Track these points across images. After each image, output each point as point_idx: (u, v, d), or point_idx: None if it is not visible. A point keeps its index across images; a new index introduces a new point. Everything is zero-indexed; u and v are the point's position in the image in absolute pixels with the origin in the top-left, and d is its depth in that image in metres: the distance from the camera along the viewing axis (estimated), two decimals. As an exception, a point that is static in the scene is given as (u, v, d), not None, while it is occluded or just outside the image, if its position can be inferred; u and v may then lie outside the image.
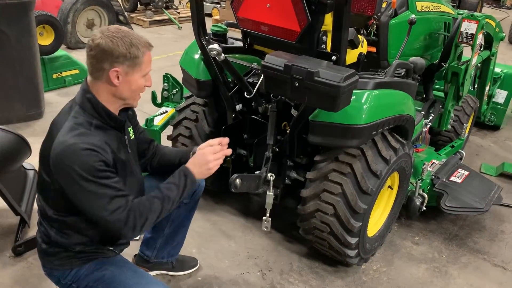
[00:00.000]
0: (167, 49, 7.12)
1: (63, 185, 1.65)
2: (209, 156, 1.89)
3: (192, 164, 1.88)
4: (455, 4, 4.37)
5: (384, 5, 2.99)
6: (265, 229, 2.43)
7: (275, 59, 2.14)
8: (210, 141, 1.96)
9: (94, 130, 1.69)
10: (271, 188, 2.41)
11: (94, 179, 1.60)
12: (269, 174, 2.40)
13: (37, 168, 3.05)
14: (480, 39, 3.30)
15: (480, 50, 3.54)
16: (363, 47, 2.76)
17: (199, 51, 2.73)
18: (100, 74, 1.68)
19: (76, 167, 1.58)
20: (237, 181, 2.26)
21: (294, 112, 2.53)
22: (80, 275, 1.82)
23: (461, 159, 3.55)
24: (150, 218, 1.73)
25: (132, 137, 1.97)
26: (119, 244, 1.96)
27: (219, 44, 2.42)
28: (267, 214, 2.42)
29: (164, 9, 8.89)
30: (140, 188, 1.97)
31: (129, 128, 1.95)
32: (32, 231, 2.80)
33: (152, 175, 2.20)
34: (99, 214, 1.65)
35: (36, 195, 1.93)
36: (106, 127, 1.74)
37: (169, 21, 8.81)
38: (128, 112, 1.89)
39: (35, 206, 2.91)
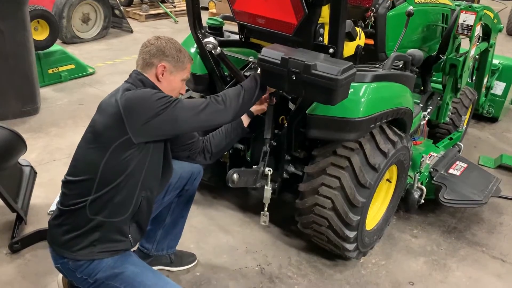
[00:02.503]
0: (163, 43, 7.08)
1: (144, 118, 1.77)
2: None
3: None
4: (453, -4, 4.33)
5: (381, -4, 2.97)
6: (263, 223, 2.43)
7: (272, 52, 2.12)
8: None
9: None
10: (269, 182, 2.40)
11: (172, 100, 1.84)
12: (266, 169, 2.39)
13: (33, 165, 3.07)
14: (478, 30, 3.28)
15: (478, 42, 3.52)
16: (361, 40, 2.74)
17: (195, 45, 2.70)
18: (149, 68, 1.93)
19: (146, 96, 1.81)
20: (235, 176, 2.24)
21: (291, 106, 2.51)
22: (98, 270, 1.83)
23: (459, 151, 3.54)
24: (237, 97, 2.04)
25: None
26: (138, 232, 1.99)
27: (215, 38, 2.40)
28: (265, 209, 2.41)
29: (160, 3, 8.83)
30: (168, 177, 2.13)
31: None
32: (29, 228, 2.79)
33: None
34: (196, 117, 1.90)
35: (62, 181, 1.92)
36: None
37: (165, 15, 8.76)
38: None
39: (32, 202, 2.92)
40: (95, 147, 1.83)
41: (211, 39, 2.33)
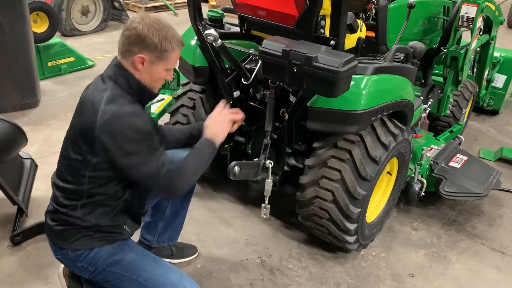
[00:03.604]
0: (163, 36, 7.05)
1: (113, 150, 1.70)
2: (225, 120, 2.11)
3: (209, 130, 2.03)
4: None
5: (382, -11, 2.95)
6: (264, 216, 2.43)
7: (273, 45, 2.11)
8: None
9: (131, 100, 1.77)
10: (270, 175, 2.40)
11: (143, 140, 1.71)
12: (267, 161, 2.39)
13: (33, 157, 3.06)
14: (479, 23, 3.26)
15: (479, 34, 3.50)
16: (362, 32, 2.73)
17: (196, 37, 2.69)
18: (128, 55, 1.76)
19: (126, 131, 1.67)
20: (236, 168, 2.24)
21: (292, 99, 2.51)
22: (98, 258, 1.84)
23: (460, 144, 3.54)
24: (191, 174, 1.88)
25: None
26: (134, 223, 1.99)
27: (215, 30, 2.38)
28: (266, 201, 2.41)
29: (159, -5, 8.78)
30: None
31: None
32: (30, 221, 2.79)
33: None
34: (149, 172, 1.75)
35: (52, 181, 1.91)
36: (139, 104, 1.81)
37: (165, 7, 8.71)
38: None
39: (33, 195, 2.92)
40: (78, 157, 1.77)
41: (211, 31, 2.31)
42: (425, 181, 3.00)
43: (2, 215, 2.87)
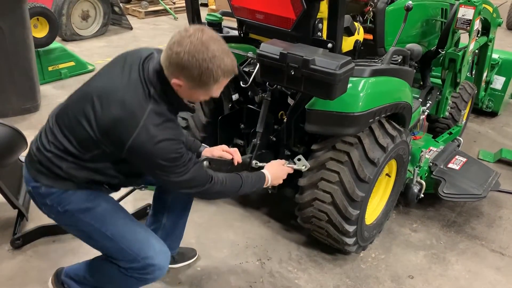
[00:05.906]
0: (163, 40, 7.08)
1: (141, 165, 1.73)
2: (284, 173, 2.28)
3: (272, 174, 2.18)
4: (452, -10, 4.32)
5: (380, -9, 2.97)
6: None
7: (271, 48, 2.13)
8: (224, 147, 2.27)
9: (170, 115, 1.71)
10: None
11: (177, 164, 1.69)
12: (254, 162, 2.39)
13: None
14: (477, 25, 3.28)
15: (477, 36, 3.51)
16: (360, 34, 2.74)
17: (194, 41, 2.70)
18: (167, 71, 1.64)
19: (159, 160, 1.64)
20: (204, 163, 2.18)
21: (290, 101, 2.52)
22: (70, 201, 1.77)
23: (458, 146, 3.55)
24: (226, 191, 1.97)
25: None
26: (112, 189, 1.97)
27: (214, 33, 2.40)
28: None
29: (159, 0, 8.81)
30: None
31: None
32: (30, 224, 2.80)
33: None
34: (185, 188, 1.81)
35: (50, 117, 1.82)
36: (175, 115, 1.79)
37: (165, 12, 8.75)
38: None
39: (33, 198, 2.92)
40: (91, 135, 1.67)
41: (210, 34, 2.33)
42: (424, 183, 3.00)
43: (3, 219, 2.88)
